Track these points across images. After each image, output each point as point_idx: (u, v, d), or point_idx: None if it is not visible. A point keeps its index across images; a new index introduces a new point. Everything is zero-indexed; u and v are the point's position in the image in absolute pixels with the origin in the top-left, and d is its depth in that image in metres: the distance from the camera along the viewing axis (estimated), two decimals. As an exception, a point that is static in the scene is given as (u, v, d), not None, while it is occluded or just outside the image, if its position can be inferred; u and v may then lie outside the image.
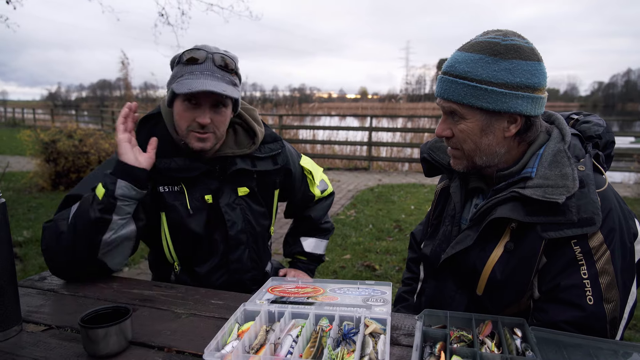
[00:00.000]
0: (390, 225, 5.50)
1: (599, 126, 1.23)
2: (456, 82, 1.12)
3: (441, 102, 1.18)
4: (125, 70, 26.03)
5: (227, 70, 1.40)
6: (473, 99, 1.10)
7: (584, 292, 1.05)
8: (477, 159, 1.19)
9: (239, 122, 1.60)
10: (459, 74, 1.12)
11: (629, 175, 8.67)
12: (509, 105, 1.09)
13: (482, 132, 1.14)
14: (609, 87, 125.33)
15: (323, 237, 1.90)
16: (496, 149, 1.17)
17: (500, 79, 1.08)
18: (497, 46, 1.09)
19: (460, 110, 1.14)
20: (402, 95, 19.04)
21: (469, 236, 1.19)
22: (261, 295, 1.28)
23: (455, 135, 1.18)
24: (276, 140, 1.64)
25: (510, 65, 1.08)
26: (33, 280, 1.46)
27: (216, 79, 1.36)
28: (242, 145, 1.55)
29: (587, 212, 1.04)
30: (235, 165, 1.51)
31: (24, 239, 4.63)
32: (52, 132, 7.42)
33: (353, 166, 11.20)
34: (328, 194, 1.92)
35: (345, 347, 0.98)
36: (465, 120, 1.14)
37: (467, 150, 1.18)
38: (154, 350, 1.04)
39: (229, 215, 1.52)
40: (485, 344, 0.97)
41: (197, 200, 1.48)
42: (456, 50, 1.17)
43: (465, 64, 1.11)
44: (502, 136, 1.15)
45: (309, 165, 1.81)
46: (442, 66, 1.20)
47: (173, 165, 1.43)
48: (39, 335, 1.10)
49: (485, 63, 1.09)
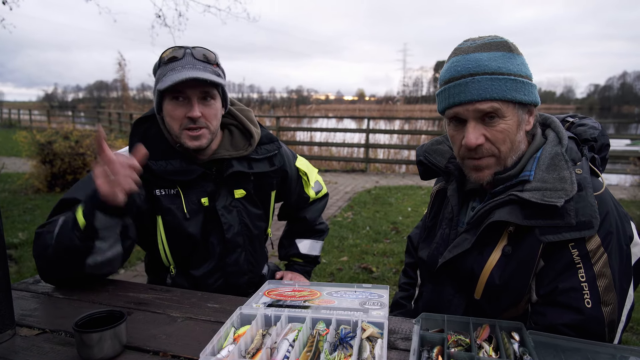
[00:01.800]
0: (388, 227, 5.49)
1: (595, 129, 1.24)
2: (496, 78, 1.08)
3: (475, 106, 1.09)
4: (122, 71, 25.97)
5: (208, 63, 1.40)
6: (515, 93, 1.09)
7: (582, 295, 1.04)
8: (509, 160, 1.15)
9: (234, 123, 1.59)
10: (495, 71, 1.08)
11: (625, 177, 8.70)
12: (534, 96, 1.14)
13: (518, 128, 1.14)
14: (605, 90, 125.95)
15: (318, 238, 1.90)
16: (521, 145, 1.17)
17: (524, 72, 1.12)
18: (506, 43, 1.13)
19: (502, 108, 1.09)
20: (399, 97, 19.07)
21: (466, 240, 1.19)
22: (257, 299, 1.27)
23: (491, 138, 1.12)
24: (272, 141, 1.63)
25: (522, 59, 1.13)
26: (27, 284, 1.44)
27: (199, 70, 1.35)
28: (238, 147, 1.54)
29: (585, 215, 1.04)
30: (231, 167, 1.50)
31: (19, 241, 4.60)
32: (49, 134, 7.38)
33: (350, 168, 11.20)
34: (322, 195, 1.91)
35: (342, 352, 0.97)
36: (505, 119, 1.10)
37: (504, 151, 1.13)
38: (149, 355, 1.03)
39: (226, 218, 1.51)
40: (482, 348, 0.97)
41: (194, 203, 1.47)
42: (469, 53, 1.11)
43: (495, 61, 1.09)
44: (524, 130, 1.17)
45: (304, 167, 1.81)
46: (439, 69, 1.19)
47: (169, 168, 1.42)
48: (33, 340, 1.08)
49: (508, 59, 1.11)
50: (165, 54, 1.39)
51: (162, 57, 1.40)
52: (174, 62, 1.37)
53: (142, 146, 1.25)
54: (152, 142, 1.44)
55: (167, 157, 1.44)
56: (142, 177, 1.42)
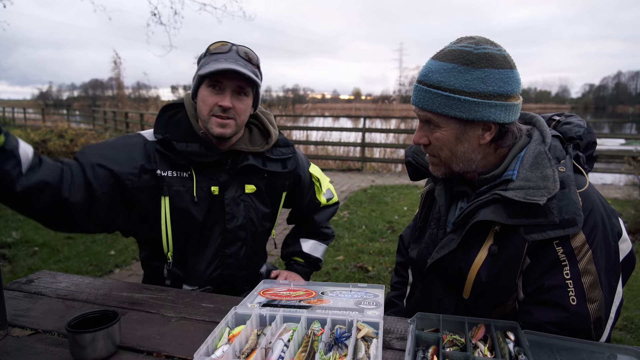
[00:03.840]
0: (384, 227, 5.50)
1: (580, 127, 1.24)
2: (430, 91, 1.12)
3: (417, 111, 1.18)
4: (117, 69, 25.86)
5: (250, 62, 1.47)
6: (447, 109, 1.10)
7: (567, 292, 1.05)
8: (454, 165, 1.19)
9: (255, 123, 1.65)
10: (433, 84, 1.11)
11: (620, 177, 8.75)
12: (482, 114, 1.09)
13: (457, 140, 1.15)
14: (599, 90, 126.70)
15: (322, 241, 1.91)
16: (472, 155, 1.17)
17: (472, 89, 1.08)
18: (469, 55, 1.08)
19: (435, 119, 1.14)
20: (395, 96, 19.07)
21: (453, 240, 1.19)
22: (252, 299, 1.27)
23: (431, 142, 1.18)
24: (288, 146, 1.68)
25: (483, 74, 1.07)
26: (20, 283, 1.43)
27: (239, 65, 1.41)
28: (255, 144, 1.59)
29: (568, 213, 1.05)
30: (246, 160, 1.53)
31: (13, 240, 4.57)
32: (43, 132, 7.37)
33: (346, 167, 11.20)
34: (333, 203, 1.95)
35: (337, 352, 0.97)
36: (441, 129, 1.15)
37: (444, 157, 1.19)
38: (142, 355, 1.02)
39: (231, 208, 1.53)
40: (478, 347, 0.97)
41: (203, 190, 1.49)
42: (430, 59, 1.16)
43: (439, 74, 1.11)
44: (477, 143, 1.15)
45: (317, 173, 1.85)
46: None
47: (189, 149, 1.46)
48: (25, 340, 1.07)
49: (457, 72, 1.08)
50: (212, 47, 1.47)
51: (209, 48, 1.47)
52: (218, 54, 1.44)
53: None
54: (176, 126, 1.50)
55: (188, 140, 1.48)
56: (158, 156, 1.45)
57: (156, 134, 1.47)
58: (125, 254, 4.35)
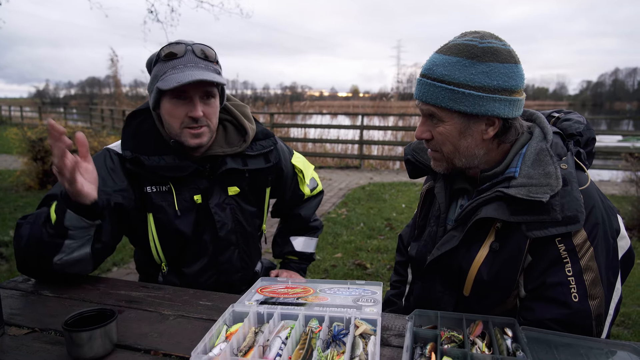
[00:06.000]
0: (382, 224, 5.50)
1: (580, 124, 1.24)
2: (434, 85, 1.11)
3: (420, 105, 1.17)
4: (114, 67, 25.71)
5: (209, 61, 1.38)
6: (451, 103, 1.10)
7: (569, 289, 1.05)
8: (457, 160, 1.19)
9: (229, 119, 1.57)
10: (437, 77, 1.11)
11: (617, 173, 8.77)
12: (486, 109, 1.09)
13: (460, 134, 1.14)
14: (597, 86, 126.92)
15: (313, 235, 1.89)
16: (475, 151, 1.17)
17: (477, 82, 1.08)
18: (474, 49, 1.08)
19: (439, 113, 1.14)
20: (393, 93, 19.07)
21: (454, 237, 1.19)
22: (250, 296, 1.26)
23: (434, 137, 1.18)
24: (268, 137, 1.60)
25: (487, 68, 1.08)
26: (17, 282, 1.43)
27: (201, 69, 1.33)
28: (232, 144, 1.52)
29: (571, 210, 1.05)
30: (225, 165, 1.48)
31: (10, 239, 4.56)
32: (40, 130, 7.31)
33: (344, 164, 11.20)
34: (317, 192, 1.90)
35: (335, 349, 0.96)
36: (444, 123, 1.14)
37: (446, 152, 1.18)
38: (140, 354, 1.01)
39: (219, 216, 1.49)
40: (476, 344, 0.97)
41: (186, 201, 1.46)
42: (434, 53, 1.16)
43: (443, 67, 1.10)
44: (481, 138, 1.15)
45: (300, 164, 1.79)
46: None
47: (162, 164, 1.40)
48: (22, 339, 1.07)
49: (462, 66, 1.08)
50: (164, 50, 1.36)
51: (160, 52, 1.37)
52: (174, 60, 1.33)
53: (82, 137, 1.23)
54: (145, 137, 1.43)
55: (160, 153, 1.42)
56: (134, 173, 1.41)
57: (124, 150, 1.40)
58: (123, 253, 4.34)
